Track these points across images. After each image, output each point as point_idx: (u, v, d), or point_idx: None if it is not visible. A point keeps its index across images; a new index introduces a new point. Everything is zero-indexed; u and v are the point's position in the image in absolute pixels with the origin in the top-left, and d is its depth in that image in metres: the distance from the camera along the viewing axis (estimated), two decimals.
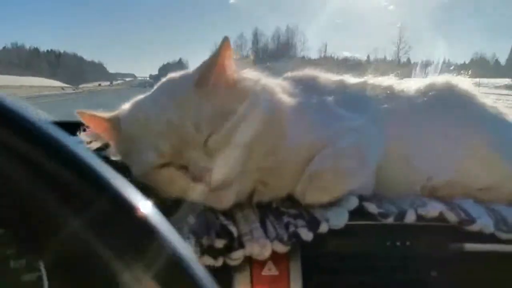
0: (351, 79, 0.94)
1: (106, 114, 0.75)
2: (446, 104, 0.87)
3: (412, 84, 0.93)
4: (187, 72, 0.76)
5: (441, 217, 0.67)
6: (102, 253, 0.28)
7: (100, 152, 0.76)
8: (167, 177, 0.68)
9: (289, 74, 0.93)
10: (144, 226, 0.29)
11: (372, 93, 0.89)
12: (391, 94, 0.88)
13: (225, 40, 0.71)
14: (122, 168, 0.70)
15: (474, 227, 0.66)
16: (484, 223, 0.66)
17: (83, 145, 0.75)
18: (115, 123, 0.73)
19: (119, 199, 0.29)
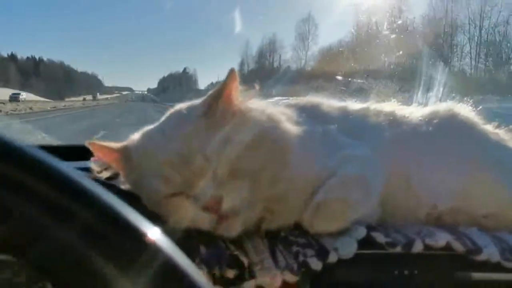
0: (353, 105, 0.96)
1: (116, 145, 0.76)
2: (449, 131, 0.88)
3: (414, 111, 0.95)
4: (194, 103, 0.78)
5: (448, 247, 0.68)
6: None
7: (111, 181, 0.77)
8: (177, 206, 0.69)
9: (292, 101, 0.95)
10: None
11: (374, 120, 0.90)
12: (393, 121, 0.90)
13: (232, 71, 0.74)
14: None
15: (481, 257, 0.67)
16: (490, 252, 0.67)
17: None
18: (125, 153, 0.75)
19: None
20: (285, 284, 0.64)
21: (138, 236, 0.32)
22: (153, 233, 0.32)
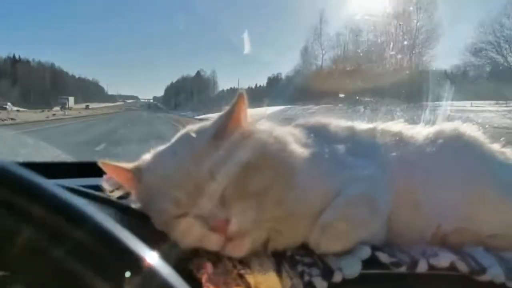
0: (361, 126, 0.97)
1: (128, 165, 0.79)
2: (455, 151, 0.89)
3: (420, 131, 0.96)
4: (204, 125, 0.80)
5: (452, 267, 0.68)
6: None
7: (122, 200, 0.79)
8: (185, 227, 0.71)
9: (301, 121, 0.97)
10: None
11: (381, 140, 0.91)
12: (400, 141, 0.91)
13: (240, 94, 0.76)
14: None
15: (485, 277, 0.67)
16: (495, 273, 0.68)
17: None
18: (136, 173, 0.77)
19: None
20: None
21: (133, 258, 0.33)
22: (149, 256, 0.34)
